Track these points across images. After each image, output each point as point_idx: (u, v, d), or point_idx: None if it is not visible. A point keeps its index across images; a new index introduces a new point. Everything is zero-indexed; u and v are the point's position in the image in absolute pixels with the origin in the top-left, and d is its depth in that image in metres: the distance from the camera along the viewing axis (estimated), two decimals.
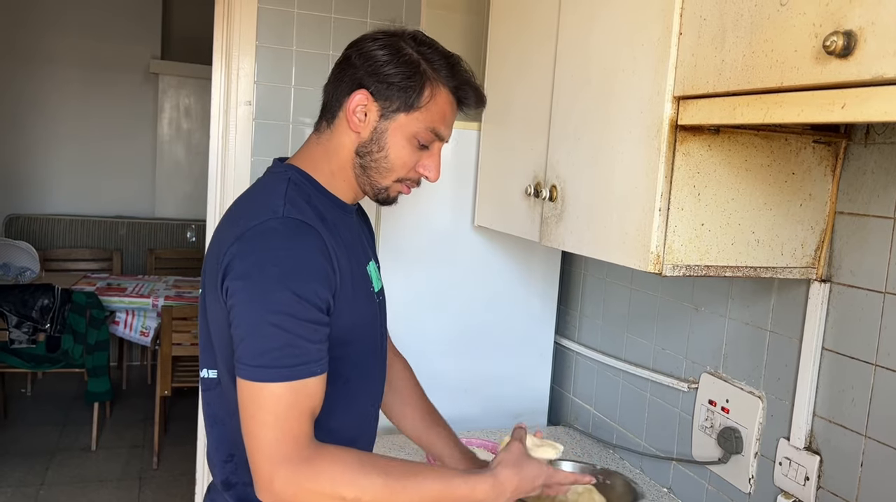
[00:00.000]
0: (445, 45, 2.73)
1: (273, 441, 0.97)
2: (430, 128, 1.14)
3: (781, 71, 0.92)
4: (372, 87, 1.11)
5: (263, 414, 0.98)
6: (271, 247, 1.01)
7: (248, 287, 1.00)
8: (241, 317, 1.00)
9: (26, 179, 5.50)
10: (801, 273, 1.29)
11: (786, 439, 1.38)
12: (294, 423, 0.98)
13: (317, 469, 0.97)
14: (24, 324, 3.74)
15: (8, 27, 5.28)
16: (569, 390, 2.14)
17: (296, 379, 0.99)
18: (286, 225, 1.03)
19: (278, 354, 0.98)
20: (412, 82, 1.11)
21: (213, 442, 1.17)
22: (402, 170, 1.15)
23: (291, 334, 0.99)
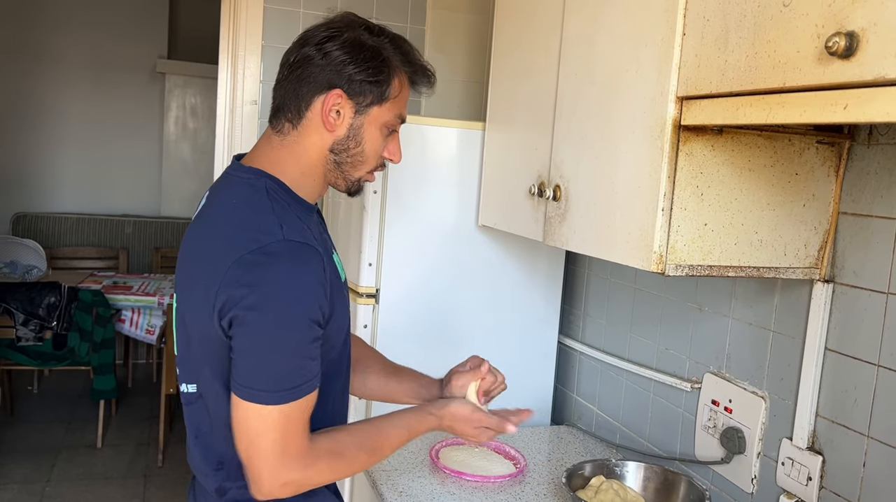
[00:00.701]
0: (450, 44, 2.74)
1: (281, 454, 1.05)
2: (398, 115, 1.18)
3: (784, 71, 0.92)
4: (344, 85, 1.11)
5: (272, 433, 1.04)
6: (279, 276, 1.03)
7: (259, 316, 1.01)
8: (252, 344, 1.03)
9: (34, 178, 5.53)
10: (804, 273, 1.30)
11: (788, 439, 1.38)
12: (298, 435, 1.07)
13: (316, 468, 1.09)
14: (31, 322, 3.76)
15: (16, 27, 5.31)
16: (572, 390, 2.14)
17: (302, 397, 1.06)
18: (290, 248, 1.04)
19: (289, 378, 1.04)
20: (382, 76, 1.12)
21: (200, 452, 1.19)
22: (374, 159, 1.18)
23: (301, 358, 1.05)
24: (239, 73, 2.33)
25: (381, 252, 1.91)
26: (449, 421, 1.26)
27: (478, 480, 1.64)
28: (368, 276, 1.91)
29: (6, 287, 3.82)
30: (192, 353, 1.13)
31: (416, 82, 1.19)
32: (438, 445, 1.78)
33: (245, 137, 2.36)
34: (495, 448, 1.81)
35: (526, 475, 1.70)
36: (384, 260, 1.91)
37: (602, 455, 1.86)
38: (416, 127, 1.91)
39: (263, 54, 2.35)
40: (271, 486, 1.06)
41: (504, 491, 1.61)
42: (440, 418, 1.26)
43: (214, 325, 1.04)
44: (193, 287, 1.10)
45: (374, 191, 1.89)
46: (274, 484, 1.06)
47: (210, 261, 1.06)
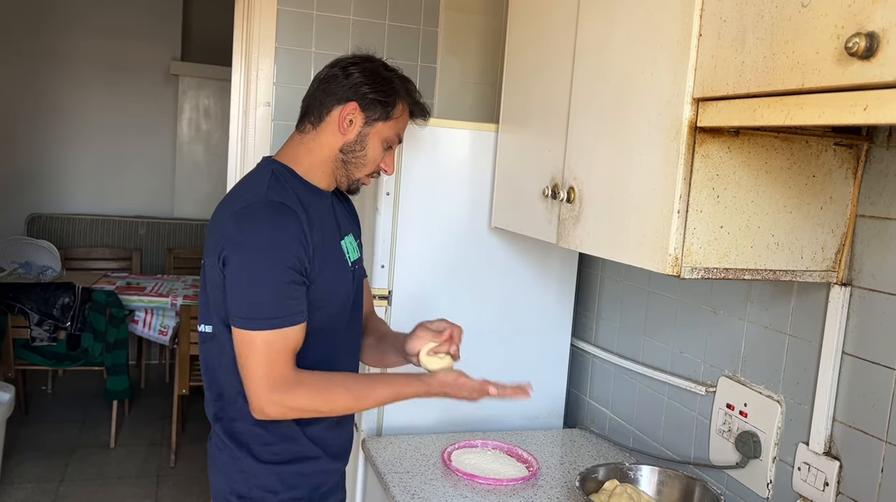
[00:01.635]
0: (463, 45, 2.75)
1: (264, 375, 1.26)
2: (397, 134, 1.43)
3: (803, 72, 0.91)
4: (360, 100, 1.38)
5: (257, 355, 1.26)
6: (258, 223, 1.28)
7: (240, 255, 1.27)
8: (236, 279, 1.27)
9: (48, 179, 5.57)
10: (821, 276, 1.28)
11: (805, 444, 1.36)
12: (280, 361, 1.27)
13: (297, 393, 1.29)
14: (45, 323, 3.79)
15: (31, 28, 5.35)
16: (585, 393, 2.13)
17: (281, 327, 1.27)
18: (269, 206, 1.30)
19: (267, 308, 1.27)
20: (390, 98, 1.39)
21: (207, 383, 1.43)
22: (373, 165, 1.43)
23: (276, 292, 1.27)
24: (252, 75, 2.34)
25: (393, 254, 1.91)
26: (437, 387, 1.39)
27: (490, 483, 1.63)
28: (381, 278, 1.91)
29: (21, 287, 3.84)
30: (209, 300, 1.35)
31: (413, 113, 1.46)
32: (451, 448, 1.77)
33: (258, 139, 2.36)
34: (508, 451, 1.80)
35: (539, 478, 1.69)
36: (397, 261, 1.91)
37: (615, 458, 1.85)
38: (428, 129, 1.91)
39: (277, 56, 2.35)
40: (259, 403, 1.27)
41: (517, 495, 1.60)
42: (428, 384, 1.39)
43: (218, 269, 1.30)
44: (208, 246, 1.35)
45: (387, 192, 1.89)
46: (262, 401, 1.27)
47: (217, 221, 1.34)
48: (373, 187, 1.92)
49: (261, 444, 1.38)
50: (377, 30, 2.46)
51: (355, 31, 2.43)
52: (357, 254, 1.52)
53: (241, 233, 1.27)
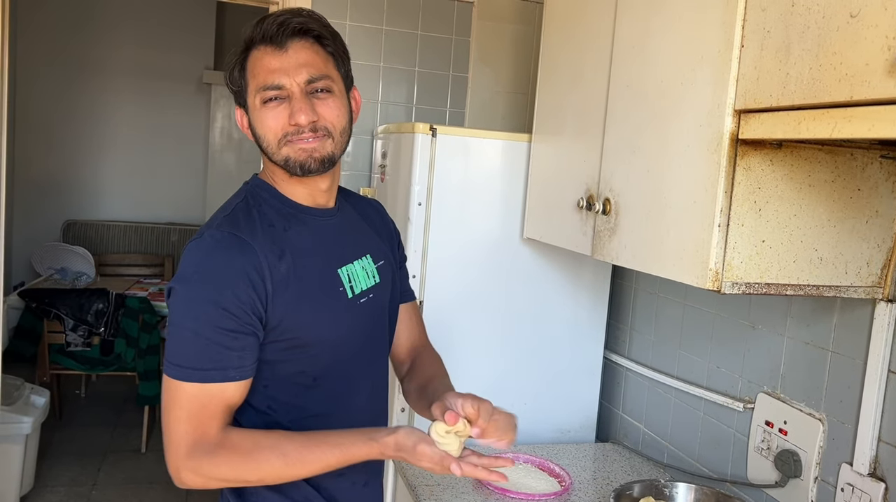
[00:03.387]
0: (495, 55, 2.73)
1: (183, 434, 1.06)
2: (259, 87, 1.13)
3: (851, 85, 0.89)
4: (235, 99, 1.20)
5: (177, 409, 1.07)
6: (195, 257, 1.10)
7: (175, 293, 1.09)
8: (170, 318, 1.11)
9: (83, 186, 5.67)
10: (866, 292, 1.25)
11: (848, 464, 1.33)
12: (204, 421, 1.07)
13: (217, 460, 1.07)
14: (79, 328, 3.84)
15: (68, 38, 5.46)
16: (618, 406, 2.10)
17: (209, 381, 1.07)
18: (217, 236, 1.11)
19: (195, 357, 1.07)
20: (232, 70, 1.17)
21: None
22: (272, 133, 1.13)
23: (208, 340, 1.07)
24: None
25: (424, 264, 1.90)
26: (393, 450, 1.10)
27: (522, 498, 1.61)
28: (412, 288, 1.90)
29: (57, 293, 3.91)
30: None
31: (264, 36, 1.13)
32: None
33: None
34: (539, 464, 1.78)
35: (571, 493, 1.67)
36: (428, 272, 1.90)
37: (649, 474, 1.82)
38: (460, 138, 1.90)
39: None
40: (175, 468, 1.07)
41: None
42: (382, 446, 1.10)
43: None
44: None
45: (419, 202, 1.88)
46: (175, 465, 1.07)
47: None
48: (404, 196, 1.92)
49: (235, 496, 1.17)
50: (409, 39, 2.46)
51: (388, 40, 2.44)
52: (373, 280, 1.26)
53: (181, 266, 1.10)
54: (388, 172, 2.12)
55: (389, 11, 2.43)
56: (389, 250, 1.35)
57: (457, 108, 2.54)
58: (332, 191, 1.24)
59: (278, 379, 1.16)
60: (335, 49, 1.18)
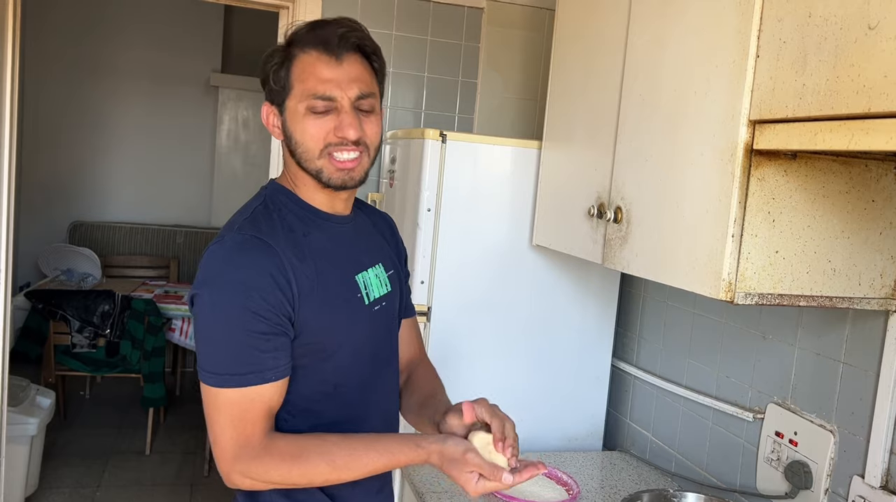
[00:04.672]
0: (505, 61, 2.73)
1: (229, 440, 1.07)
2: (309, 94, 1.12)
3: (869, 96, 0.89)
4: (267, 95, 1.18)
5: (219, 416, 1.08)
6: (219, 260, 1.09)
7: (202, 300, 1.09)
8: (198, 326, 1.10)
9: (90, 187, 5.68)
10: (879, 304, 1.24)
11: (860, 476, 1.32)
12: (247, 425, 1.08)
13: (266, 465, 1.08)
14: (85, 329, 3.85)
15: (75, 40, 5.47)
16: (626, 415, 2.10)
17: (248, 385, 1.07)
18: (240, 240, 1.10)
19: (230, 363, 1.07)
20: (282, 67, 1.14)
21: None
22: (314, 143, 1.13)
23: (241, 344, 1.07)
24: None
25: (433, 269, 1.90)
26: (437, 458, 1.10)
27: None
28: (421, 294, 1.90)
29: (63, 294, 3.91)
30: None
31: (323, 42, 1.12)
32: None
33: None
34: (548, 473, 1.77)
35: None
36: (436, 277, 1.90)
37: (657, 483, 1.81)
38: (470, 145, 1.90)
39: None
40: (225, 471, 1.09)
41: None
42: (428, 453, 1.11)
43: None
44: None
45: (428, 208, 1.88)
46: (227, 470, 1.08)
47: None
48: (413, 202, 1.92)
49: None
50: (419, 45, 2.47)
51: (397, 46, 2.44)
52: (385, 288, 1.27)
53: (203, 271, 1.09)
54: (398, 178, 2.11)
55: (399, 17, 2.43)
56: (398, 262, 1.37)
57: (465, 114, 2.54)
58: (350, 200, 1.25)
59: (299, 387, 1.15)
60: (379, 66, 1.20)
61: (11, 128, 2.33)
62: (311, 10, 2.33)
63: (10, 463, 2.93)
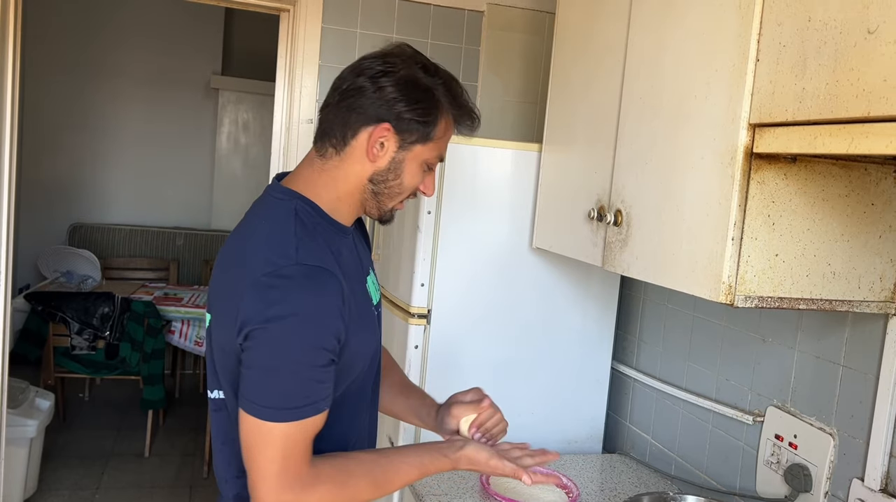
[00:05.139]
0: (505, 65, 2.74)
1: (278, 473, 1.04)
2: (438, 156, 1.19)
3: (869, 100, 0.89)
4: (393, 121, 1.12)
5: (271, 450, 1.04)
6: (291, 298, 1.04)
7: (268, 335, 1.03)
8: (259, 362, 1.04)
9: (90, 189, 5.68)
10: (878, 307, 1.25)
11: (859, 480, 1.32)
12: (297, 456, 1.05)
13: (318, 492, 1.07)
14: (85, 331, 3.85)
15: (76, 42, 5.48)
16: (625, 418, 2.10)
17: (304, 418, 1.05)
18: (304, 272, 1.06)
19: (290, 397, 1.04)
20: (430, 117, 1.14)
21: (224, 459, 1.21)
22: (408, 192, 1.19)
23: (305, 379, 1.05)
24: (296, 92, 2.36)
25: (433, 272, 1.90)
26: (466, 464, 1.21)
27: None
28: (420, 296, 1.91)
29: (63, 296, 3.92)
30: (217, 367, 1.16)
31: (459, 123, 1.20)
32: None
33: (300, 155, 2.38)
34: (547, 475, 1.77)
35: None
36: (436, 280, 1.90)
37: (656, 486, 1.82)
38: (469, 147, 1.90)
39: (320, 74, 2.37)
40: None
41: None
42: (455, 461, 1.20)
43: (234, 340, 1.07)
44: (220, 300, 1.14)
45: (428, 211, 1.88)
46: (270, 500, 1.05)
47: (233, 279, 1.10)
48: (413, 205, 1.92)
49: None
50: (419, 48, 2.44)
51: None
52: (378, 294, 1.30)
53: (269, 308, 1.03)
54: None
55: (400, 20, 2.44)
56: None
57: None
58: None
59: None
60: None
61: (12, 130, 2.33)
62: (312, 13, 2.33)
63: (10, 465, 2.93)
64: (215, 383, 1.18)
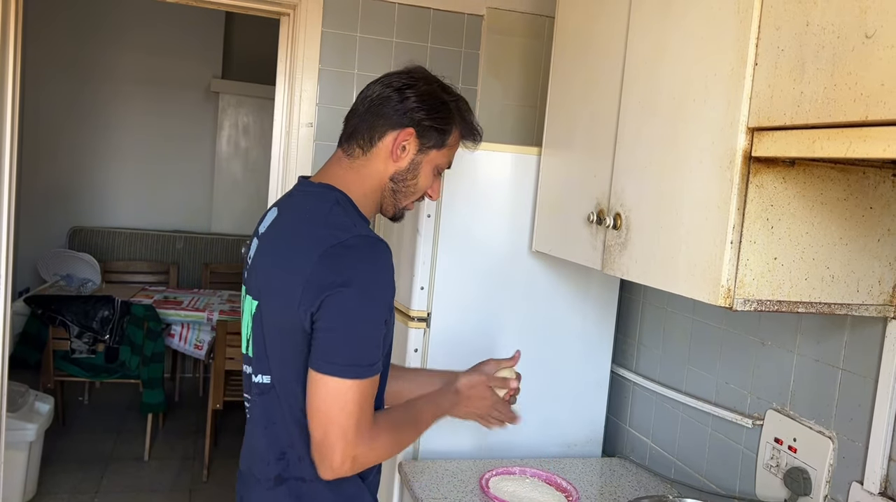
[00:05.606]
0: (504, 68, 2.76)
1: (355, 427, 1.16)
2: (448, 162, 1.38)
3: (867, 104, 0.89)
4: (416, 126, 1.29)
5: (350, 405, 1.16)
6: (361, 261, 1.18)
7: (342, 297, 1.16)
8: (337, 323, 1.16)
9: (90, 193, 5.68)
10: (877, 310, 1.25)
11: (859, 483, 1.32)
12: (369, 410, 1.19)
13: (382, 441, 1.21)
14: (84, 335, 3.85)
15: (75, 45, 5.48)
16: (625, 421, 2.10)
17: (374, 375, 1.19)
18: (366, 242, 1.20)
19: (364, 355, 1.17)
20: (447, 126, 1.32)
21: (267, 441, 1.29)
22: (422, 190, 1.37)
23: (373, 338, 1.19)
24: (296, 96, 2.36)
25: (433, 275, 1.91)
26: (466, 390, 1.42)
27: None
28: (420, 300, 1.91)
29: (62, 300, 3.92)
30: (268, 349, 1.25)
31: (465, 138, 1.39)
32: (488, 474, 1.75)
33: (301, 158, 2.38)
34: (546, 479, 1.77)
35: None
36: (436, 283, 1.91)
37: (656, 489, 1.82)
38: (468, 151, 1.90)
39: (320, 77, 2.38)
40: (343, 460, 1.16)
41: None
42: (458, 391, 1.41)
43: (299, 318, 1.17)
44: (275, 282, 1.24)
45: (428, 215, 1.89)
46: (346, 458, 1.16)
47: (293, 261, 1.21)
48: (413, 209, 1.92)
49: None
50: (419, 52, 2.48)
51: (398, 53, 2.45)
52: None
53: (340, 275, 1.15)
54: None
55: (399, 24, 2.45)
56: None
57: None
58: None
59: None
60: None
61: (12, 133, 2.34)
62: (312, 17, 2.34)
63: (9, 469, 2.93)
64: (264, 368, 1.27)
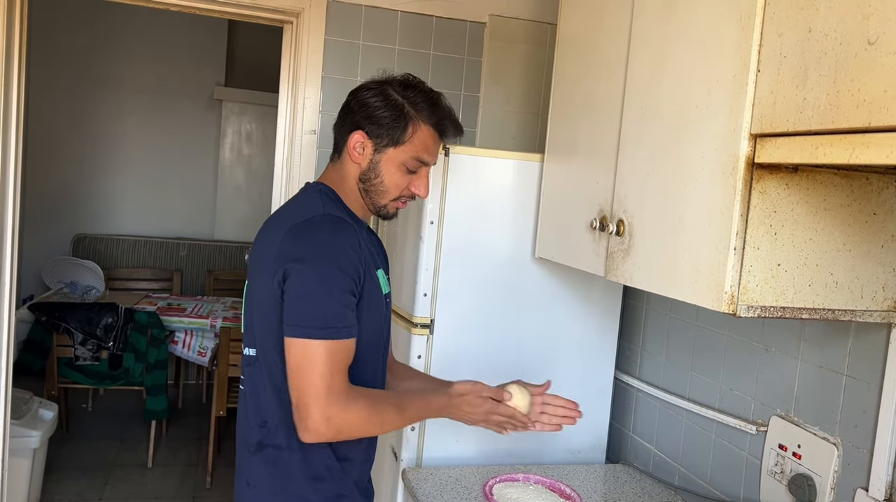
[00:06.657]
0: (507, 75, 2.76)
1: (324, 388, 1.23)
2: (414, 157, 1.39)
3: (869, 111, 0.89)
4: (366, 128, 1.38)
5: (318, 366, 1.23)
6: (319, 233, 1.30)
7: (303, 265, 1.26)
8: (298, 288, 1.26)
9: (94, 200, 5.70)
10: (881, 316, 1.25)
11: (864, 490, 1.32)
12: (338, 374, 1.25)
13: (356, 406, 1.26)
14: (88, 342, 3.85)
15: (79, 53, 5.50)
16: (629, 428, 2.09)
17: (343, 338, 1.26)
18: (329, 219, 1.33)
19: (330, 318, 1.25)
20: (398, 122, 1.37)
21: (251, 409, 1.39)
22: (395, 191, 1.41)
23: (339, 300, 1.26)
24: (299, 103, 2.37)
25: (436, 282, 1.91)
26: (457, 395, 1.44)
27: None
28: (423, 306, 1.91)
29: (66, 307, 3.92)
30: (255, 322, 1.35)
31: (442, 132, 1.42)
32: (492, 481, 1.75)
33: (304, 166, 2.39)
34: (550, 485, 1.77)
35: None
36: (439, 290, 1.91)
37: (660, 496, 1.81)
38: (471, 158, 1.91)
39: (323, 85, 2.39)
40: (318, 420, 1.22)
41: None
42: (450, 395, 1.43)
43: (274, 288, 1.28)
44: (258, 261, 1.36)
45: (431, 221, 1.89)
46: (320, 418, 1.22)
47: (271, 239, 1.33)
48: (416, 215, 1.93)
49: (307, 478, 1.35)
50: (422, 59, 2.48)
51: (400, 60, 2.46)
52: (388, 288, 1.50)
53: (302, 245, 1.27)
54: None
55: (402, 31, 2.46)
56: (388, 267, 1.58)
57: (468, 128, 2.55)
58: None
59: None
60: None
61: (17, 140, 2.35)
62: (315, 25, 2.35)
63: (13, 476, 2.93)
64: (250, 341, 1.38)
